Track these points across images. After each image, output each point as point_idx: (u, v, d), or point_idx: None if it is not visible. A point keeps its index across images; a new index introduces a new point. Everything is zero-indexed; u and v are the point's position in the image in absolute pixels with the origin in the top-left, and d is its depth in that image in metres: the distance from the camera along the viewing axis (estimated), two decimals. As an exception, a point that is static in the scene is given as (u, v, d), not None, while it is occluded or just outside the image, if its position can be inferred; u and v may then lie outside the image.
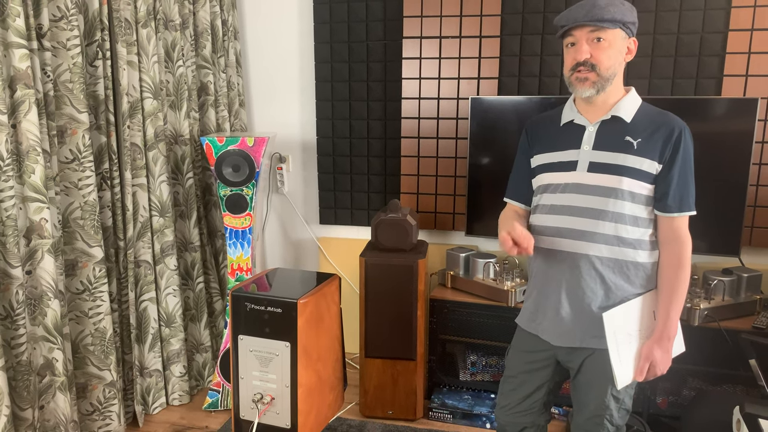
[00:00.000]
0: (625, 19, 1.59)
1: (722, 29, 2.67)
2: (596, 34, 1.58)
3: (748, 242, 2.75)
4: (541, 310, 1.77)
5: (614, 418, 1.71)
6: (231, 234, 2.81)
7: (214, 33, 3.08)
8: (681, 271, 1.62)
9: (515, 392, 1.86)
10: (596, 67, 1.59)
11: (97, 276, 2.41)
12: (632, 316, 1.66)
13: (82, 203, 2.36)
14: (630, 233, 1.64)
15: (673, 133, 1.60)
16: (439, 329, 2.84)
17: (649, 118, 1.64)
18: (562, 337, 1.73)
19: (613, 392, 1.69)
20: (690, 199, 1.62)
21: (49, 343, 2.20)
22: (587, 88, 1.62)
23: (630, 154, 1.61)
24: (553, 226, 1.71)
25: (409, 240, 2.69)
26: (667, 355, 1.64)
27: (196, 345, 3.05)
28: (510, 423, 1.89)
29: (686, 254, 1.63)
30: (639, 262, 1.66)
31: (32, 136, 2.07)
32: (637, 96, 1.70)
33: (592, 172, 1.65)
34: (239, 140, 2.68)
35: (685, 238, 1.63)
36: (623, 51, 1.63)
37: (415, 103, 3.05)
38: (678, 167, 1.60)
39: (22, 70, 2.02)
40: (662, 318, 1.63)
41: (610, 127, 1.65)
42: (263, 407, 2.04)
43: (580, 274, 1.67)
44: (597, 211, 1.64)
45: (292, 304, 1.97)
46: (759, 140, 2.66)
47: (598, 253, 1.65)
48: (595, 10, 1.56)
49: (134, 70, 2.57)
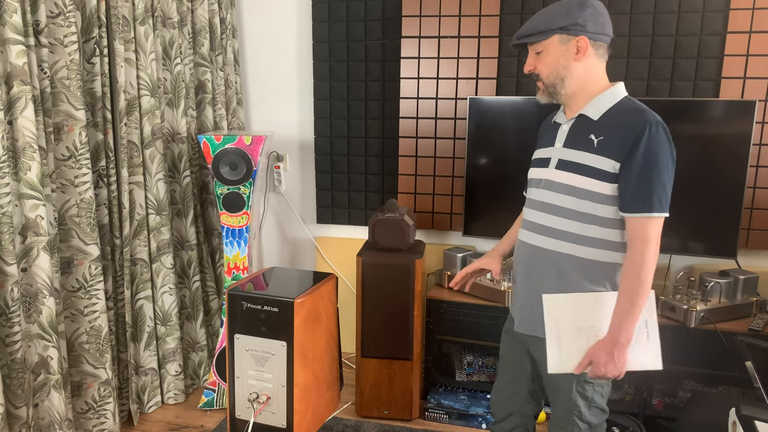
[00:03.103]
0: (559, 24, 1.59)
1: (720, 31, 2.67)
2: (534, 48, 1.66)
3: (744, 244, 2.75)
4: (515, 296, 1.83)
5: (584, 416, 1.71)
6: (228, 232, 2.81)
7: (212, 31, 3.07)
8: (639, 275, 1.54)
9: (503, 374, 1.91)
10: (540, 77, 1.67)
11: (93, 274, 2.40)
12: (586, 309, 1.61)
13: (79, 201, 2.35)
14: (592, 232, 1.62)
15: (635, 131, 1.54)
16: (436, 329, 2.84)
17: (618, 116, 1.60)
18: (522, 324, 1.78)
19: (578, 389, 1.69)
20: (653, 201, 1.54)
21: (44, 341, 2.19)
22: (542, 96, 1.70)
23: (590, 153, 1.60)
24: (527, 220, 1.76)
25: (407, 240, 2.69)
26: (612, 362, 1.55)
27: (191, 344, 3.04)
28: (498, 406, 1.92)
29: (648, 259, 1.53)
30: (601, 262, 1.63)
31: (28, 133, 2.06)
32: (617, 93, 1.65)
33: (560, 169, 1.66)
34: (237, 138, 2.67)
35: (649, 241, 1.54)
36: (567, 54, 1.61)
37: (413, 102, 3.05)
38: (638, 165, 1.54)
39: (19, 66, 2.01)
40: (614, 322, 1.57)
41: (579, 125, 1.66)
42: (259, 407, 2.04)
43: (539, 267, 1.70)
44: (561, 208, 1.65)
45: (289, 303, 1.96)
46: (756, 143, 2.66)
47: (558, 249, 1.66)
48: (525, 28, 1.65)
49: (132, 68, 2.57)
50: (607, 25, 1.63)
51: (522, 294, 1.77)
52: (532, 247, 1.72)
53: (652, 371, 1.65)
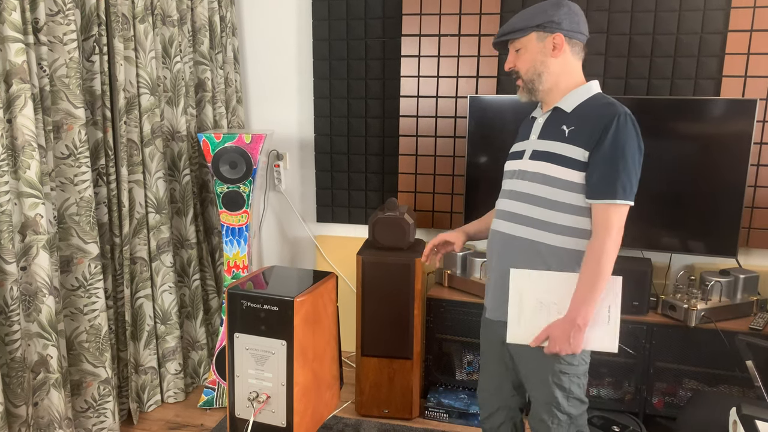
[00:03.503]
0: (536, 21, 1.67)
1: (721, 30, 2.67)
2: (513, 45, 1.74)
3: (745, 243, 2.75)
4: (487, 285, 1.87)
5: (563, 407, 1.73)
6: (227, 231, 2.80)
7: (212, 29, 3.06)
8: (598, 261, 1.58)
9: (484, 371, 1.95)
10: (519, 73, 1.74)
11: (93, 272, 2.39)
12: (551, 286, 1.67)
13: (78, 199, 2.34)
14: (563, 220, 1.66)
15: (603, 121, 1.60)
16: (436, 328, 2.84)
17: (589, 109, 1.67)
18: (494, 311, 1.81)
19: (554, 380, 1.71)
20: (618, 188, 1.58)
21: (44, 340, 2.19)
22: (522, 93, 1.77)
23: (561, 142, 1.67)
24: (500, 210, 1.81)
25: (407, 239, 2.68)
26: (566, 340, 1.61)
27: (191, 342, 3.04)
28: (485, 401, 1.96)
29: (608, 245, 1.58)
30: (566, 249, 1.67)
31: (28, 132, 2.06)
32: (590, 89, 1.71)
33: (533, 159, 1.72)
34: (236, 137, 2.67)
35: (611, 228, 1.59)
36: (544, 50, 1.69)
37: (413, 101, 3.05)
38: (605, 153, 1.59)
39: (18, 64, 2.01)
40: (573, 304, 1.62)
41: (553, 118, 1.73)
42: (259, 406, 2.03)
43: (508, 253, 1.74)
44: (532, 196, 1.70)
45: (289, 302, 1.96)
46: (757, 141, 2.66)
47: (527, 236, 1.70)
48: (505, 27, 1.74)
49: (131, 66, 2.56)
50: (582, 24, 1.71)
51: (494, 281, 1.81)
52: (504, 235, 1.77)
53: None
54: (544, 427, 1.76)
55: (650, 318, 2.59)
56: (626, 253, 2.81)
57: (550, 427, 1.74)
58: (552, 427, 1.74)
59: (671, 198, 2.60)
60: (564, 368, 1.70)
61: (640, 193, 2.61)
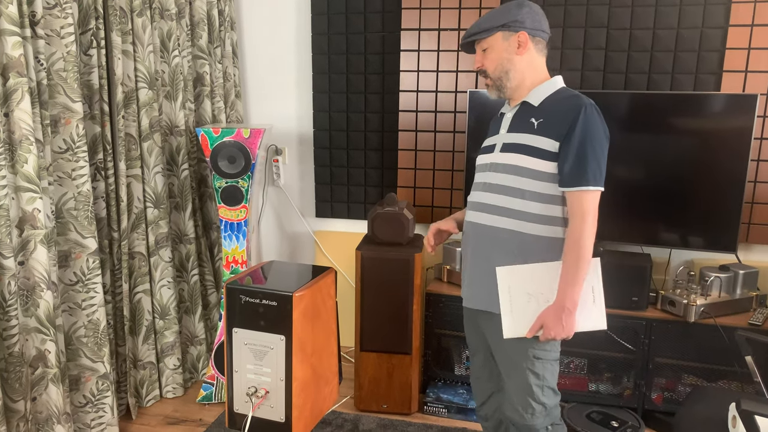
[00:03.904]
0: (501, 21, 1.76)
1: (722, 24, 2.65)
2: (480, 46, 1.82)
3: (744, 239, 2.75)
4: (463, 276, 1.94)
5: (537, 396, 1.79)
6: (226, 226, 2.79)
7: (210, 23, 3.04)
8: (578, 247, 1.66)
9: (474, 359, 2.03)
10: (486, 72, 1.82)
11: (91, 267, 2.39)
12: (535, 278, 1.74)
13: (76, 194, 2.33)
14: (533, 208, 1.73)
15: (572, 111, 1.68)
16: (435, 323, 2.83)
17: (555, 101, 1.75)
18: (471, 299, 1.89)
19: (528, 365, 1.77)
20: (589, 175, 1.66)
21: (42, 335, 2.19)
22: (491, 92, 1.85)
23: (530, 134, 1.74)
24: (474, 201, 1.87)
25: (406, 234, 2.68)
26: (560, 324, 1.68)
27: (190, 338, 3.03)
28: (478, 389, 2.05)
29: (586, 230, 1.66)
30: (540, 236, 1.74)
31: (25, 125, 2.04)
32: (556, 83, 1.80)
33: (504, 152, 1.79)
34: (235, 131, 2.66)
35: (586, 214, 1.66)
36: (510, 48, 1.78)
37: (412, 96, 3.03)
38: (574, 142, 1.66)
39: (15, 57, 1.99)
40: (560, 289, 1.70)
41: (521, 112, 1.81)
42: (257, 401, 2.03)
43: (484, 243, 1.81)
44: (504, 187, 1.77)
45: (288, 297, 1.95)
46: (757, 137, 2.65)
47: (502, 225, 1.77)
48: (470, 28, 1.82)
49: (129, 60, 2.55)
50: (544, 23, 1.81)
51: (470, 271, 1.88)
52: (478, 225, 1.83)
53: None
54: (519, 417, 1.81)
55: (649, 313, 2.59)
56: (626, 248, 2.81)
57: (524, 417, 1.80)
58: (527, 416, 1.80)
59: (671, 193, 2.60)
60: (538, 353, 1.77)
61: (640, 189, 2.62)
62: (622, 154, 2.61)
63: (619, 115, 2.60)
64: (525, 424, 1.80)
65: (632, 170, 2.62)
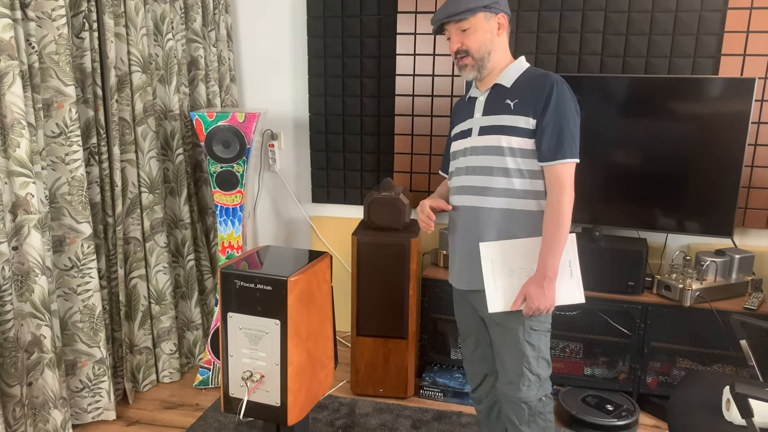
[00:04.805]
0: (483, 2, 1.75)
1: (721, 7, 2.63)
2: (460, 25, 1.78)
3: (741, 223, 2.75)
4: (453, 260, 1.96)
5: (533, 367, 1.82)
6: (222, 211, 2.78)
7: (204, 6, 3.01)
8: (558, 216, 1.71)
9: (466, 343, 2.05)
10: (469, 52, 1.80)
11: (86, 252, 2.38)
12: (517, 253, 1.79)
13: (70, 178, 2.32)
14: (518, 185, 1.78)
15: (545, 89, 1.73)
16: (431, 308, 2.84)
17: (526, 81, 1.79)
18: (465, 281, 1.90)
19: (526, 337, 1.81)
20: (565, 148, 1.72)
21: (37, 320, 2.18)
22: (470, 72, 1.84)
23: (507, 114, 1.78)
24: (456, 186, 1.91)
25: (402, 219, 2.67)
26: (542, 293, 1.72)
27: (186, 323, 3.04)
28: (472, 373, 2.07)
29: (564, 200, 1.72)
30: (529, 211, 1.79)
31: (17, 109, 2.03)
32: (522, 64, 1.84)
33: (482, 135, 1.83)
34: (230, 116, 2.64)
35: (564, 185, 1.72)
36: (492, 29, 1.79)
37: (409, 80, 3.01)
38: (550, 118, 1.72)
39: (6, 40, 1.97)
40: (541, 260, 1.75)
41: (495, 95, 1.83)
42: (252, 385, 2.03)
43: (477, 223, 1.84)
44: (487, 168, 1.81)
45: (283, 281, 1.94)
46: (755, 121, 2.64)
47: (492, 205, 1.81)
48: (451, 6, 1.77)
49: (122, 43, 2.52)
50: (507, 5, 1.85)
51: (461, 253, 1.90)
52: (465, 208, 1.87)
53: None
54: (514, 389, 1.84)
55: (645, 298, 2.59)
56: (622, 233, 2.81)
57: (520, 389, 1.83)
58: (522, 388, 1.83)
59: (668, 178, 2.59)
60: (534, 324, 1.81)
61: (637, 173, 2.61)
62: (620, 139, 2.60)
63: (617, 100, 2.58)
64: (519, 396, 1.83)
65: (629, 155, 2.61)
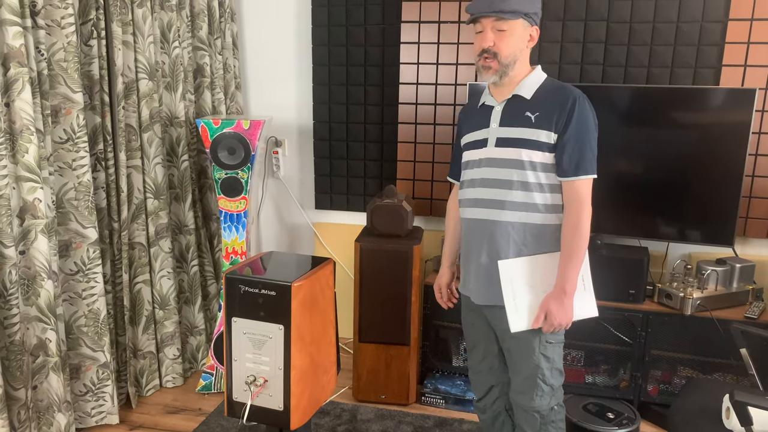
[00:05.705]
0: (527, 9, 1.72)
1: (722, 18, 2.65)
2: (498, 24, 1.72)
3: (742, 233, 2.76)
4: (467, 273, 1.94)
5: (547, 378, 1.82)
6: (226, 217, 2.81)
7: (210, 14, 3.05)
8: (577, 231, 1.71)
9: (473, 353, 2.04)
10: (498, 56, 1.74)
11: (91, 257, 2.40)
12: (536, 270, 1.78)
13: (76, 184, 2.34)
14: (536, 199, 1.76)
15: (567, 104, 1.71)
16: (433, 315, 2.85)
17: (547, 94, 1.77)
18: (482, 296, 1.87)
19: (541, 350, 1.80)
20: (586, 164, 1.72)
21: (43, 324, 2.20)
22: (491, 75, 1.78)
23: (528, 128, 1.75)
24: (472, 198, 1.86)
25: (405, 226, 2.69)
26: (562, 309, 1.72)
27: (190, 328, 3.05)
28: (478, 383, 2.05)
29: (583, 216, 1.72)
30: (547, 225, 1.78)
31: (26, 115, 2.05)
32: (541, 74, 1.82)
33: (499, 146, 1.79)
34: (235, 123, 2.66)
35: (584, 200, 1.72)
36: (525, 39, 1.76)
37: (412, 88, 3.04)
38: (572, 134, 1.71)
39: (16, 48, 2.00)
40: (560, 274, 1.74)
41: (513, 105, 1.80)
42: (256, 389, 2.05)
43: (494, 238, 1.81)
44: (505, 181, 1.78)
45: (286, 287, 1.96)
46: (756, 131, 2.66)
47: (510, 219, 1.78)
48: (497, 2, 1.70)
49: (129, 51, 2.55)
50: None
51: (477, 269, 1.87)
52: (480, 222, 1.84)
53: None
54: (527, 399, 1.84)
55: (646, 306, 2.61)
56: (623, 241, 2.82)
57: (533, 399, 1.83)
58: (535, 398, 1.83)
59: (669, 187, 2.61)
60: (549, 338, 1.80)
61: (638, 183, 2.63)
62: (621, 148, 2.62)
63: (619, 109, 2.60)
64: (532, 406, 1.84)
65: (630, 164, 2.63)
